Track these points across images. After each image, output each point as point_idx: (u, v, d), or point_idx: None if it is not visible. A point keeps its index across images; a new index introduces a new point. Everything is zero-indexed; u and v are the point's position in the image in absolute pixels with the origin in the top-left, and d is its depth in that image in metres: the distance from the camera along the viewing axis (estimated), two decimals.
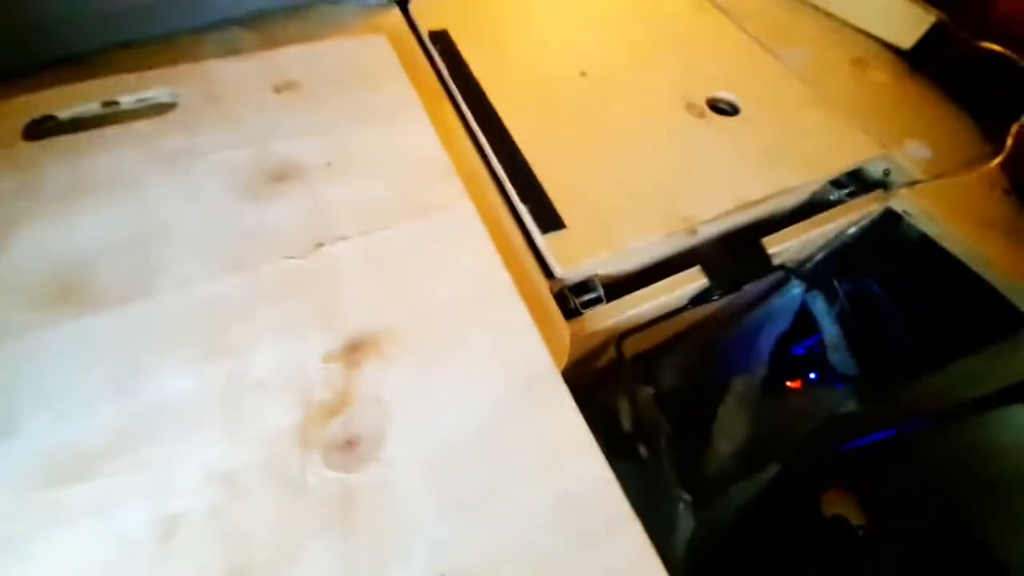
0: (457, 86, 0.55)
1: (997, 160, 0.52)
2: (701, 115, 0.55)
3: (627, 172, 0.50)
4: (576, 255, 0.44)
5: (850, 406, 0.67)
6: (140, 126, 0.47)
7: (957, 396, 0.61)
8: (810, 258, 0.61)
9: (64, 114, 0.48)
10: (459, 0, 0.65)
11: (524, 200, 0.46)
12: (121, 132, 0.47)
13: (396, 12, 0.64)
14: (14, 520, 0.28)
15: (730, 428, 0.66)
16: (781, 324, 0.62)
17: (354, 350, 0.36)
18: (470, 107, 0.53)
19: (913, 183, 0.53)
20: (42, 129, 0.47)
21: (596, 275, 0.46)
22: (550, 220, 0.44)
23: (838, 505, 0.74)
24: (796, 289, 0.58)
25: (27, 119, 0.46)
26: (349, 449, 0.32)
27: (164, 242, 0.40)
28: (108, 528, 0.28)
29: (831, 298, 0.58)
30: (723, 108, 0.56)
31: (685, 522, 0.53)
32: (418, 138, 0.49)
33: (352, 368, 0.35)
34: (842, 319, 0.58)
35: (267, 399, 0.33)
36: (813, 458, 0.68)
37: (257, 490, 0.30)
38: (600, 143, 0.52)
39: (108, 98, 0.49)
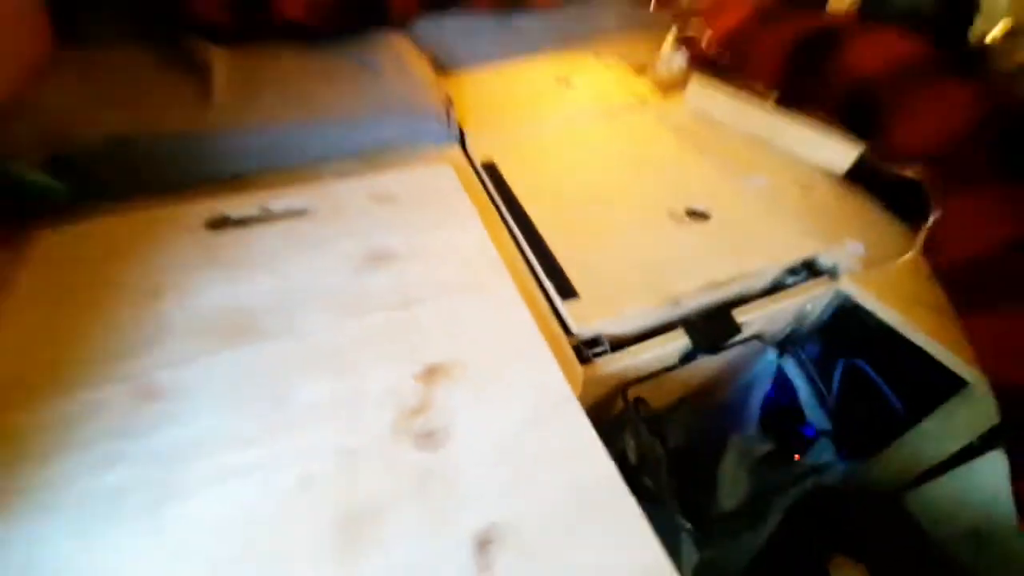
0: (501, 200, 0.77)
1: (914, 252, 0.67)
2: (681, 220, 0.74)
3: (625, 259, 0.68)
4: (587, 317, 0.60)
5: (835, 472, 0.76)
6: (284, 224, 0.69)
7: (932, 453, 0.69)
8: (781, 330, 0.74)
9: (234, 214, 0.70)
10: (501, 139, 0.90)
11: (549, 277, 0.63)
12: (272, 227, 0.68)
13: (457, 148, 0.89)
14: (197, 473, 0.42)
15: (732, 481, 0.75)
16: (764, 386, 0.74)
17: (432, 374, 0.51)
18: (511, 214, 0.74)
19: (853, 272, 0.68)
20: (219, 223, 0.69)
21: (603, 333, 0.62)
22: (567, 291, 0.61)
23: (845, 571, 0.77)
24: (771, 355, 0.71)
25: (209, 216, 0.69)
26: (428, 439, 0.46)
27: (302, 298, 0.58)
28: (265, 480, 0.42)
29: (800, 363, 0.70)
30: (697, 214, 0.75)
31: (688, 551, 0.61)
32: (474, 237, 0.68)
33: (431, 385, 0.50)
34: (812, 381, 0.70)
35: (374, 403, 0.48)
36: (812, 514, 0.74)
37: (366, 463, 0.44)
38: (606, 238, 0.71)
39: (263, 205, 0.71)
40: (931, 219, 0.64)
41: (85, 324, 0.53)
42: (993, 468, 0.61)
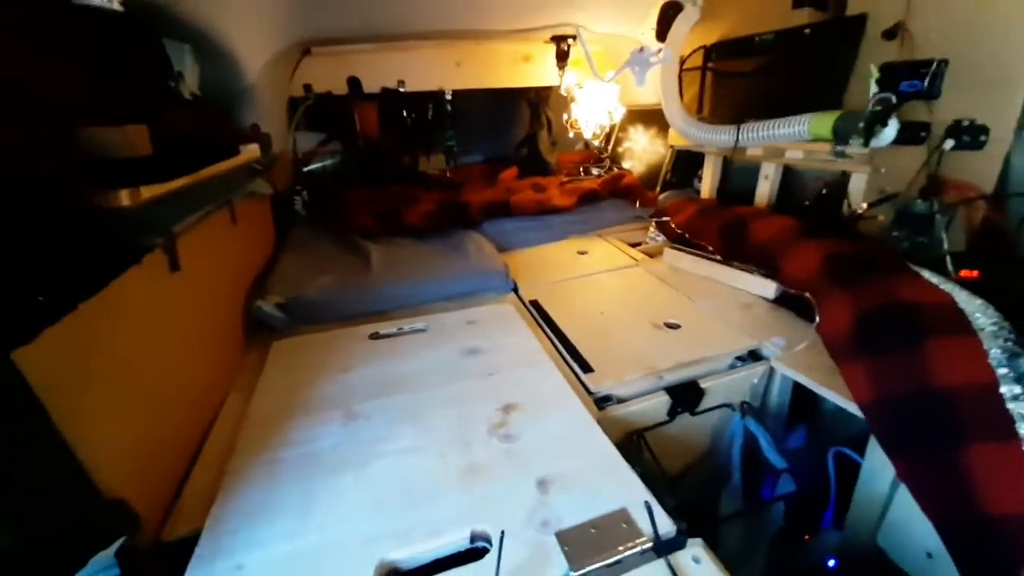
0: (543, 320, 1.21)
1: (811, 339, 1.01)
2: (660, 328, 1.14)
3: (624, 351, 1.06)
4: (599, 382, 0.96)
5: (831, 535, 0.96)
6: (413, 336, 1.13)
7: (881, 487, 0.90)
8: (744, 399, 1.05)
9: (383, 331, 1.16)
10: (541, 288, 1.39)
11: (574, 359, 1.02)
12: (406, 338, 1.13)
13: (513, 295, 1.37)
14: (381, 450, 0.77)
15: (730, 528, 0.96)
16: (738, 443, 1.01)
17: (507, 408, 0.86)
18: (549, 327, 1.17)
19: (779, 356, 1.03)
20: (376, 336, 1.14)
21: (612, 393, 0.96)
22: (586, 367, 0.99)
23: None
24: (737, 417, 1.01)
25: (370, 332, 1.15)
26: (507, 437, 0.79)
27: (428, 373, 0.98)
28: (419, 454, 0.76)
29: (758, 421, 0.99)
30: (671, 325, 1.15)
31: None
32: (526, 340, 1.09)
33: (507, 412, 0.85)
34: (769, 434, 0.97)
35: (476, 420, 0.83)
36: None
37: (474, 447, 0.77)
38: (610, 339, 1.10)
39: (400, 327, 1.18)
40: (816, 318, 1.00)
41: (309, 384, 0.95)
42: None
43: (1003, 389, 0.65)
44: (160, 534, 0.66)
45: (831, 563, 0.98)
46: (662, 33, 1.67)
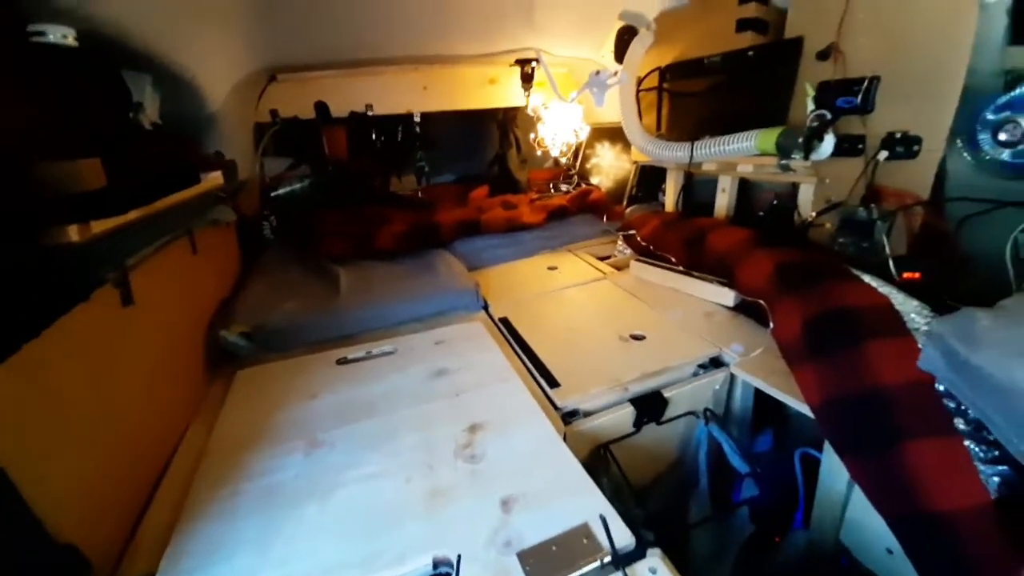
0: (512, 338, 1.22)
1: (766, 345, 1.05)
2: (626, 340, 1.16)
3: (590, 364, 1.07)
4: (566, 397, 0.97)
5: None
6: (382, 359, 1.13)
7: (840, 486, 0.93)
8: (707, 406, 1.07)
9: (351, 356, 1.15)
10: (511, 305, 1.40)
11: (541, 375, 1.03)
12: (374, 362, 1.12)
13: (483, 313, 1.38)
14: (345, 477, 0.77)
15: (699, 533, 0.97)
16: (704, 449, 1.03)
17: (473, 428, 0.87)
18: (518, 345, 1.18)
19: (737, 362, 1.06)
20: (344, 361, 1.13)
21: (579, 408, 0.98)
22: (553, 383, 1.00)
23: None
24: (701, 424, 1.03)
25: (337, 357, 1.14)
26: (472, 458, 0.79)
27: (396, 395, 0.98)
28: (384, 479, 0.76)
29: (721, 428, 1.01)
30: (637, 337, 1.17)
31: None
32: (495, 358, 1.10)
33: (473, 433, 0.85)
34: (732, 439, 1.00)
35: (442, 442, 0.83)
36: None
37: (440, 469, 0.77)
38: (578, 353, 1.12)
39: (368, 350, 1.17)
40: (770, 324, 1.05)
41: (272, 414, 0.94)
42: None
43: (939, 385, 0.69)
44: None
45: None
46: (619, 56, 1.75)
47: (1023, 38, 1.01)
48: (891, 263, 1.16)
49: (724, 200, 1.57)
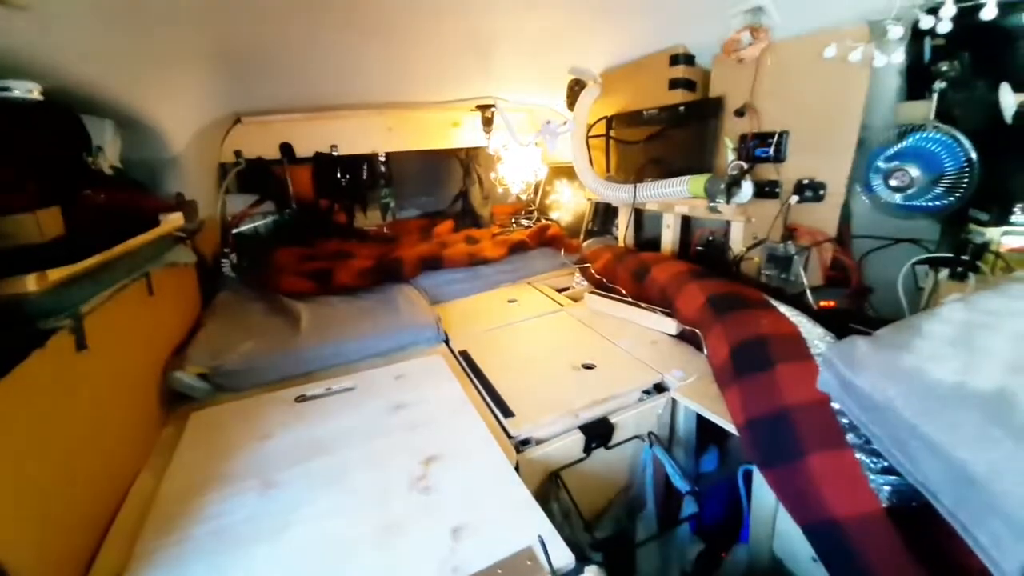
0: (471, 371, 1.27)
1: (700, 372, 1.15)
2: (578, 369, 1.23)
3: (544, 394, 1.13)
4: (519, 426, 1.02)
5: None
6: (341, 396, 1.15)
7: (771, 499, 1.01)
8: (653, 430, 1.15)
9: (310, 393, 1.17)
10: (472, 338, 1.46)
11: (496, 405, 1.08)
12: (333, 398, 1.15)
13: (444, 346, 1.43)
14: (298, 517, 0.79)
15: (645, 552, 1.03)
16: (650, 471, 1.10)
17: (429, 460, 0.90)
18: (476, 377, 1.23)
19: (678, 387, 1.15)
20: (302, 398, 1.15)
21: (532, 436, 1.03)
22: (507, 412, 1.06)
23: None
24: (646, 446, 1.10)
25: (296, 394, 1.15)
26: (426, 490, 0.83)
27: (353, 432, 1.00)
28: (336, 518, 0.78)
29: (664, 450, 1.09)
30: (588, 366, 1.25)
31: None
32: (453, 391, 1.14)
33: (427, 465, 0.89)
34: (683, 459, 1.07)
35: (398, 477, 0.86)
36: None
37: (395, 503, 0.80)
38: (532, 383, 1.18)
39: (328, 387, 1.19)
40: (705, 350, 1.15)
41: (226, 456, 0.94)
42: None
43: (834, 404, 0.79)
44: None
45: None
46: (571, 104, 1.91)
47: (913, 95, 1.20)
48: (808, 292, 1.30)
49: (669, 235, 1.71)
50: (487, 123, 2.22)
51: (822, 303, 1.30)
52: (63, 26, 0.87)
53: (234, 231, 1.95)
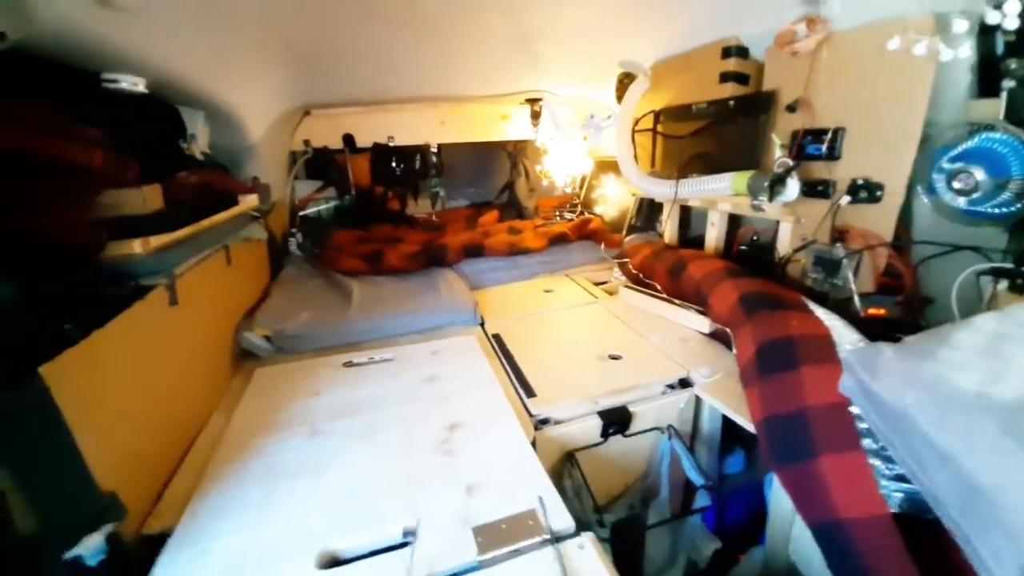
0: (500, 352, 1.34)
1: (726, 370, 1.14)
2: (604, 360, 1.27)
3: (567, 379, 1.18)
4: (540, 406, 1.08)
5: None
6: (382, 365, 1.27)
7: (787, 502, 1.00)
8: (673, 423, 1.16)
9: (356, 360, 1.30)
10: (505, 323, 1.53)
11: (520, 385, 1.15)
12: (375, 367, 1.26)
13: (479, 329, 1.51)
14: (338, 460, 0.90)
15: (654, 538, 1.05)
16: (666, 462, 1.11)
17: (453, 427, 0.99)
18: (505, 358, 1.30)
19: (703, 384, 1.15)
20: (349, 364, 1.28)
21: (550, 416, 1.08)
22: (530, 392, 1.12)
23: None
24: (664, 438, 1.12)
25: (344, 361, 1.28)
26: (448, 452, 0.91)
27: (390, 397, 1.11)
28: (371, 465, 0.88)
29: (682, 443, 1.10)
30: (614, 356, 1.28)
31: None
32: (482, 369, 1.22)
33: (451, 431, 0.97)
34: (705, 456, 1.08)
35: (423, 436, 0.95)
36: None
37: (420, 460, 0.89)
38: (558, 369, 1.23)
39: (371, 356, 1.31)
40: (733, 349, 1.14)
41: (282, 406, 1.08)
42: None
43: (853, 408, 0.78)
44: (142, 528, 0.78)
45: None
46: (620, 98, 1.91)
47: (985, 93, 1.11)
48: (856, 299, 1.24)
49: (714, 233, 1.68)
50: (535, 116, 2.26)
51: (871, 310, 1.23)
52: (162, 27, 1.03)
53: (300, 213, 2.15)
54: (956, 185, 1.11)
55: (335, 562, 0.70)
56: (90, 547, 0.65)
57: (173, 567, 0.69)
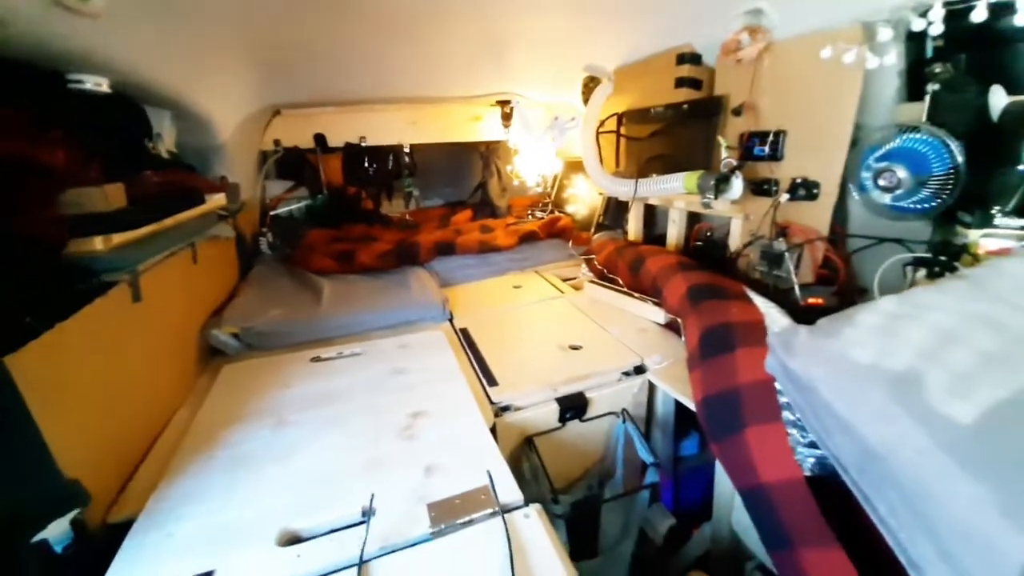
0: (467, 345, 1.39)
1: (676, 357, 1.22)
2: (565, 350, 1.33)
3: (529, 368, 1.24)
4: (501, 394, 1.14)
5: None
6: (350, 359, 1.30)
7: None
8: (628, 408, 1.23)
9: (324, 355, 1.33)
10: (473, 318, 1.58)
11: (483, 375, 1.20)
12: (344, 361, 1.30)
13: (448, 324, 1.56)
14: (305, 448, 0.93)
15: (610, 513, 1.12)
16: (621, 444, 1.18)
17: (416, 415, 1.03)
18: (470, 350, 1.35)
19: (655, 370, 1.22)
20: (316, 359, 1.31)
21: (511, 403, 1.14)
22: (492, 381, 1.17)
23: None
24: (619, 422, 1.19)
25: (311, 356, 1.31)
26: (410, 438, 0.96)
27: (358, 388, 1.15)
28: (338, 450, 0.92)
29: (635, 426, 1.17)
30: (575, 347, 1.34)
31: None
32: (447, 361, 1.27)
33: (415, 418, 1.02)
34: (659, 438, 1.15)
35: (386, 424, 1.00)
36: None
37: (383, 445, 0.94)
38: (521, 359, 1.29)
39: (340, 351, 1.34)
40: (683, 337, 1.21)
41: (249, 399, 1.11)
42: None
43: (777, 384, 0.85)
44: (107, 516, 0.80)
45: None
46: (586, 101, 1.98)
47: (914, 97, 1.21)
48: (796, 289, 1.33)
49: (674, 230, 1.76)
50: (506, 118, 2.32)
51: (810, 300, 1.33)
52: (126, 29, 1.04)
53: (271, 213, 2.15)
54: (881, 183, 1.21)
55: (295, 540, 0.74)
56: (55, 533, 0.68)
57: (138, 551, 0.72)
